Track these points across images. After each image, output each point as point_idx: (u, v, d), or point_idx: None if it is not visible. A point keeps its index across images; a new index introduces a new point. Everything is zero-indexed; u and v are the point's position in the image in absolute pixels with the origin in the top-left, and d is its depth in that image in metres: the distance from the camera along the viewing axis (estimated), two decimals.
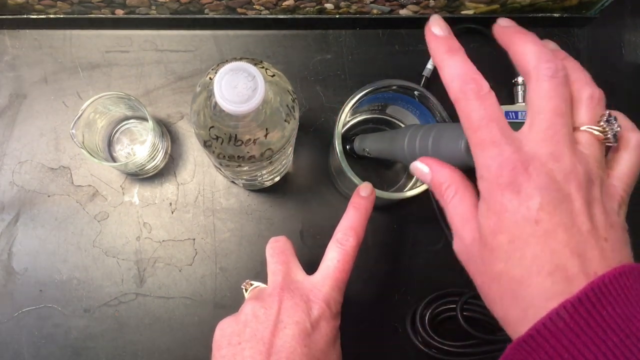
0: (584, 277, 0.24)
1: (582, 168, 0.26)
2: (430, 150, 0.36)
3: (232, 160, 0.36)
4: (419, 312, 0.47)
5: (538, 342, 0.24)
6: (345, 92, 0.52)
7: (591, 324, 0.23)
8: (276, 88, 0.36)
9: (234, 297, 0.49)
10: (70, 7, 0.49)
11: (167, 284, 0.49)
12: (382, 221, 0.51)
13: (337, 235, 0.38)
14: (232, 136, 0.35)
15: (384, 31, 0.53)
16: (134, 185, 0.50)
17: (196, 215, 0.50)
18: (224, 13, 0.51)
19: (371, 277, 0.50)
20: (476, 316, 0.46)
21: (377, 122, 0.51)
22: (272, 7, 0.50)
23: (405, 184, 0.51)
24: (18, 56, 0.51)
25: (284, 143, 0.37)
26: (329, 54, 0.53)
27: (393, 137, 0.41)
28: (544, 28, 0.54)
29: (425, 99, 0.42)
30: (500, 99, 0.53)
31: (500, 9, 0.51)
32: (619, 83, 0.54)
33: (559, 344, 0.23)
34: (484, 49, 0.53)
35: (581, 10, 0.52)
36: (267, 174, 0.44)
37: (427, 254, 0.51)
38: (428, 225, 0.51)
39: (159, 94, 0.52)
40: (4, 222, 0.49)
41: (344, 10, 0.51)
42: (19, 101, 0.51)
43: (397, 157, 0.41)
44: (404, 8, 0.51)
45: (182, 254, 0.50)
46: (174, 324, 0.49)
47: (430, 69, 0.52)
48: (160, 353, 0.48)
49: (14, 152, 0.50)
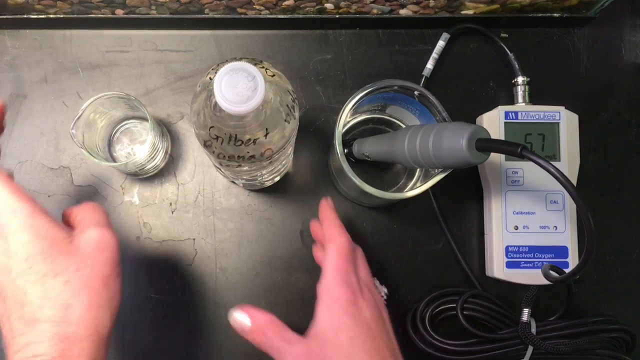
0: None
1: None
2: (431, 150, 0.36)
3: (232, 160, 0.36)
4: (419, 311, 0.47)
5: None
6: (345, 92, 0.52)
7: None
8: (276, 88, 0.36)
9: (234, 297, 0.49)
10: (70, 7, 0.49)
11: (167, 284, 0.49)
12: (382, 221, 0.51)
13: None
14: (232, 136, 0.35)
15: (384, 31, 0.53)
16: (134, 185, 0.50)
17: (196, 215, 0.50)
18: (224, 13, 0.51)
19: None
20: (476, 315, 0.47)
21: (377, 122, 0.51)
22: (272, 7, 0.50)
23: (406, 184, 0.51)
24: (18, 56, 0.51)
25: (284, 143, 0.37)
26: (329, 54, 0.53)
27: (393, 138, 0.41)
28: (544, 28, 0.54)
29: (425, 98, 0.42)
30: (501, 99, 0.53)
31: (500, 9, 0.51)
32: (619, 83, 0.54)
33: None
34: (484, 49, 0.53)
35: (581, 10, 0.52)
36: (267, 174, 0.44)
37: (427, 254, 0.51)
38: (428, 225, 0.51)
39: (159, 94, 0.52)
40: None
41: (344, 10, 0.51)
42: (19, 101, 0.51)
43: (397, 159, 0.41)
44: (404, 8, 0.51)
45: (182, 254, 0.50)
46: (174, 324, 0.49)
47: (430, 68, 0.52)
48: (160, 353, 0.48)
49: (14, 152, 0.50)
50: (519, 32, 0.53)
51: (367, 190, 0.41)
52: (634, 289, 0.52)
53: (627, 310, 0.51)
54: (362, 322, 0.35)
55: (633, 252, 0.52)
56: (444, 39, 0.52)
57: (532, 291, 0.46)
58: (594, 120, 0.53)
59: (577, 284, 0.50)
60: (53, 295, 0.32)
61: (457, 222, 0.52)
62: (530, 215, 0.48)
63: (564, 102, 0.50)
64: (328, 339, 0.35)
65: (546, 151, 0.49)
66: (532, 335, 0.45)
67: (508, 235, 0.48)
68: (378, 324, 0.36)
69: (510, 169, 0.48)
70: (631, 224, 0.53)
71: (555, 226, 0.48)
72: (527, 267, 0.48)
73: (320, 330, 0.36)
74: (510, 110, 0.49)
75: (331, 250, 0.39)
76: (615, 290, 0.52)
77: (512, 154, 0.33)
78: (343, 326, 0.35)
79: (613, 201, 0.53)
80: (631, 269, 0.52)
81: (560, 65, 0.54)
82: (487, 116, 0.49)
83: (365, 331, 0.35)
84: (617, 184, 0.53)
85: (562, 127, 0.49)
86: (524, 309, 0.46)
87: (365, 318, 0.36)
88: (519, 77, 0.50)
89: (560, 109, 0.49)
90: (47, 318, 0.31)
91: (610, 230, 0.52)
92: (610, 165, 0.53)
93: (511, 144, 0.33)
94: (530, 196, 0.48)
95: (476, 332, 0.46)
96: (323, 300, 0.36)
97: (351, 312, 0.35)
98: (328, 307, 0.36)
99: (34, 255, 0.33)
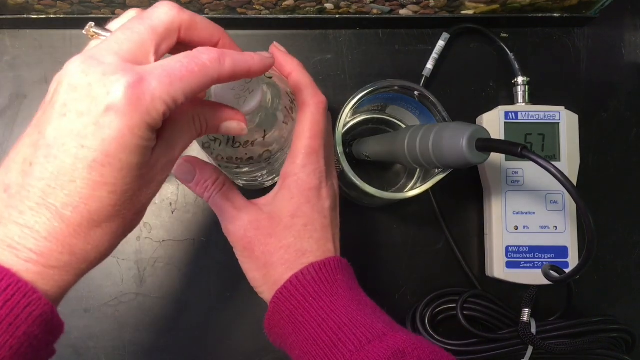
0: (335, 252, 0.36)
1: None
2: (431, 150, 0.36)
3: (230, 162, 0.36)
4: (419, 311, 0.47)
5: (292, 289, 0.33)
6: (345, 92, 0.52)
7: (328, 279, 0.34)
8: (274, 90, 0.36)
9: (235, 297, 0.49)
10: (70, 7, 0.49)
11: (167, 284, 0.49)
12: (382, 221, 0.51)
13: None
14: (230, 138, 0.35)
15: (384, 31, 0.53)
16: None
17: (196, 215, 0.50)
18: (224, 13, 0.51)
19: (371, 277, 0.50)
20: (476, 315, 0.47)
21: (377, 123, 0.51)
22: (272, 7, 0.50)
23: (406, 185, 0.51)
24: (18, 56, 0.51)
25: (283, 144, 0.37)
26: (329, 54, 0.53)
27: (393, 138, 0.41)
28: (544, 28, 0.54)
29: (425, 99, 0.42)
30: (501, 99, 0.53)
31: (500, 9, 0.51)
32: (619, 83, 0.54)
33: (305, 292, 0.33)
34: (484, 49, 0.53)
35: (581, 10, 0.52)
36: (267, 175, 0.44)
37: (427, 254, 0.51)
38: (428, 225, 0.51)
39: None
40: None
41: (344, 10, 0.51)
42: (19, 101, 0.51)
43: (397, 159, 0.41)
44: (404, 8, 0.51)
45: (182, 254, 0.50)
46: (174, 324, 0.49)
47: (430, 68, 0.52)
48: (160, 353, 0.48)
49: None
50: (519, 32, 0.53)
51: (367, 190, 0.41)
52: (634, 289, 0.52)
53: (627, 310, 0.51)
54: (320, 212, 0.35)
55: (633, 252, 0.52)
56: (444, 39, 0.52)
57: (532, 291, 0.46)
58: (594, 120, 0.53)
59: (577, 284, 0.50)
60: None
61: (457, 222, 0.52)
62: (530, 215, 0.48)
63: (564, 102, 0.50)
64: (282, 220, 0.35)
65: (546, 151, 0.49)
66: (532, 335, 0.45)
67: (508, 235, 0.48)
68: (332, 214, 0.36)
69: (510, 169, 0.48)
70: (631, 224, 0.53)
71: (556, 226, 0.48)
72: (527, 267, 0.48)
73: (276, 210, 0.35)
74: (510, 111, 0.49)
75: (304, 125, 0.34)
76: (615, 290, 0.52)
77: (512, 154, 0.33)
78: (300, 213, 0.35)
79: (613, 201, 0.53)
80: (631, 269, 0.52)
81: (560, 65, 0.54)
82: (487, 116, 0.49)
83: (320, 221, 0.35)
84: (617, 184, 0.53)
85: (562, 127, 0.49)
86: (524, 309, 0.46)
87: (324, 208, 0.35)
88: (519, 77, 0.50)
89: (560, 109, 0.49)
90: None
91: (610, 230, 0.52)
92: (610, 165, 0.53)
93: (511, 144, 0.33)
94: (531, 196, 0.48)
95: (476, 332, 0.46)
96: (287, 185, 0.35)
97: (312, 202, 0.35)
98: (290, 192, 0.35)
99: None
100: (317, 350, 0.32)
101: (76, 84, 0.26)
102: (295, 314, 0.33)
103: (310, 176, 0.35)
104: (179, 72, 0.27)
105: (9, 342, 0.25)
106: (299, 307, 0.33)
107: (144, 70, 0.26)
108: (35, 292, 0.25)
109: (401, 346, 0.30)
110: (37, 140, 0.26)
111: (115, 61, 0.27)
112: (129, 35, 0.28)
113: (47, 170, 0.25)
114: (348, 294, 0.34)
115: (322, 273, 0.34)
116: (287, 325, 0.34)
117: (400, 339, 0.31)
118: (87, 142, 0.25)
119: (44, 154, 0.26)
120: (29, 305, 0.25)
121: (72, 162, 0.25)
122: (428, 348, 0.31)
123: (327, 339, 0.32)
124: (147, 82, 0.26)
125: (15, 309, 0.25)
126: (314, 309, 0.33)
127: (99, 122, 0.25)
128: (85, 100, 0.26)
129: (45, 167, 0.26)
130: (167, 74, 0.27)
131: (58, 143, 0.26)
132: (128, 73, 0.26)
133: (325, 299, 0.33)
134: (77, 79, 0.26)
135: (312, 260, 0.34)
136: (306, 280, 0.33)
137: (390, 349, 0.30)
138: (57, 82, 0.28)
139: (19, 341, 0.25)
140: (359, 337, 0.31)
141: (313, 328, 0.32)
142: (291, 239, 0.34)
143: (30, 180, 0.26)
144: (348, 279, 0.35)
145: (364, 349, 0.30)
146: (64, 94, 0.26)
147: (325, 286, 0.33)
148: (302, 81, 0.35)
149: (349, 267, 0.36)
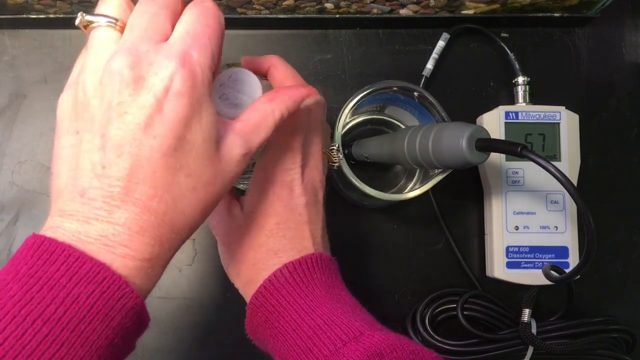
0: (313, 249, 0.35)
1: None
2: (430, 150, 0.36)
3: None
4: (419, 311, 0.47)
5: (270, 291, 0.33)
6: (345, 92, 0.52)
7: (303, 280, 0.33)
8: (269, 90, 0.35)
9: (234, 297, 0.49)
10: (69, 6, 0.49)
11: (167, 284, 0.49)
12: (382, 221, 0.51)
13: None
14: None
15: (384, 31, 0.53)
16: None
17: None
18: (224, 13, 0.50)
19: (371, 277, 0.50)
20: (476, 315, 0.47)
21: (376, 123, 0.51)
22: (272, 7, 0.50)
23: (405, 186, 0.51)
24: (18, 56, 0.51)
25: None
26: (329, 54, 0.53)
27: (392, 139, 0.41)
28: (544, 28, 0.54)
29: (424, 99, 0.42)
30: (501, 99, 0.53)
31: (500, 9, 0.51)
32: (619, 83, 0.54)
33: (279, 296, 0.32)
34: (484, 49, 0.53)
35: (582, 10, 0.52)
36: None
37: (427, 254, 0.51)
38: (428, 226, 0.51)
39: None
40: (3, 222, 0.49)
41: (344, 10, 0.51)
42: (19, 101, 0.51)
43: (397, 159, 0.41)
44: (404, 8, 0.51)
45: (182, 254, 0.50)
46: (174, 324, 0.49)
47: (430, 68, 0.52)
48: (160, 353, 0.48)
49: (13, 152, 0.50)
50: (519, 32, 0.53)
51: (367, 191, 0.41)
52: (634, 289, 0.52)
53: (627, 310, 0.51)
54: (293, 210, 0.34)
55: (633, 252, 0.52)
56: (444, 39, 0.52)
57: (532, 291, 0.46)
58: (595, 120, 0.53)
59: (577, 284, 0.50)
60: None
61: (457, 222, 0.52)
62: (530, 216, 0.48)
63: (565, 102, 0.50)
64: (255, 218, 0.34)
65: (546, 151, 0.49)
66: (532, 336, 0.45)
67: (508, 236, 0.48)
68: (310, 210, 0.35)
69: (510, 169, 0.48)
70: (631, 224, 0.53)
71: (556, 226, 0.48)
72: (527, 268, 0.48)
73: (250, 207, 0.34)
74: (510, 110, 0.49)
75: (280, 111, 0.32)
76: (615, 290, 0.52)
77: (512, 154, 0.33)
78: (272, 211, 0.34)
79: (613, 201, 0.53)
80: (631, 269, 0.52)
81: (560, 65, 0.54)
82: (487, 116, 0.49)
83: (293, 219, 0.34)
84: (617, 184, 0.53)
85: (562, 127, 0.49)
86: (524, 309, 0.46)
87: (297, 205, 0.34)
88: (519, 77, 0.50)
89: (560, 109, 0.49)
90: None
91: (610, 230, 0.52)
92: (610, 165, 0.53)
93: (511, 144, 0.33)
94: (531, 196, 0.48)
95: (476, 332, 0.46)
96: (257, 179, 0.34)
97: (284, 200, 0.34)
98: (261, 188, 0.34)
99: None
100: (294, 355, 0.31)
101: (128, 80, 0.26)
102: (270, 319, 0.33)
103: (282, 173, 0.34)
104: (201, 32, 0.28)
105: (105, 332, 0.25)
106: (273, 312, 0.33)
107: (179, 45, 0.27)
108: (127, 285, 0.26)
109: (378, 347, 0.29)
110: (103, 143, 0.26)
111: (152, 47, 0.27)
112: (148, 18, 0.28)
113: (125, 168, 0.26)
114: (325, 293, 0.33)
115: (296, 274, 0.33)
116: (265, 330, 0.33)
117: (378, 339, 0.30)
118: (156, 131, 0.26)
119: (115, 154, 0.26)
120: (122, 297, 0.26)
121: (148, 154, 0.26)
122: (408, 347, 0.30)
123: (302, 344, 0.31)
124: (190, 56, 0.27)
125: (110, 300, 0.25)
126: (289, 313, 0.32)
127: (162, 109, 0.26)
128: (142, 93, 0.26)
129: (121, 165, 0.26)
130: (196, 38, 0.27)
131: (128, 140, 0.26)
132: (171, 55, 0.26)
133: (300, 301, 0.32)
134: (127, 75, 0.26)
135: (286, 260, 0.33)
136: (279, 283, 0.33)
137: (366, 351, 0.29)
138: (95, 83, 0.27)
139: (114, 332, 0.26)
140: (333, 341, 0.30)
141: (289, 333, 0.32)
142: (263, 238, 0.34)
143: (109, 180, 0.26)
144: (327, 276, 0.34)
145: (339, 352, 0.30)
146: (116, 94, 0.26)
147: (301, 287, 0.33)
148: (277, 76, 0.35)
149: (331, 262, 0.35)
